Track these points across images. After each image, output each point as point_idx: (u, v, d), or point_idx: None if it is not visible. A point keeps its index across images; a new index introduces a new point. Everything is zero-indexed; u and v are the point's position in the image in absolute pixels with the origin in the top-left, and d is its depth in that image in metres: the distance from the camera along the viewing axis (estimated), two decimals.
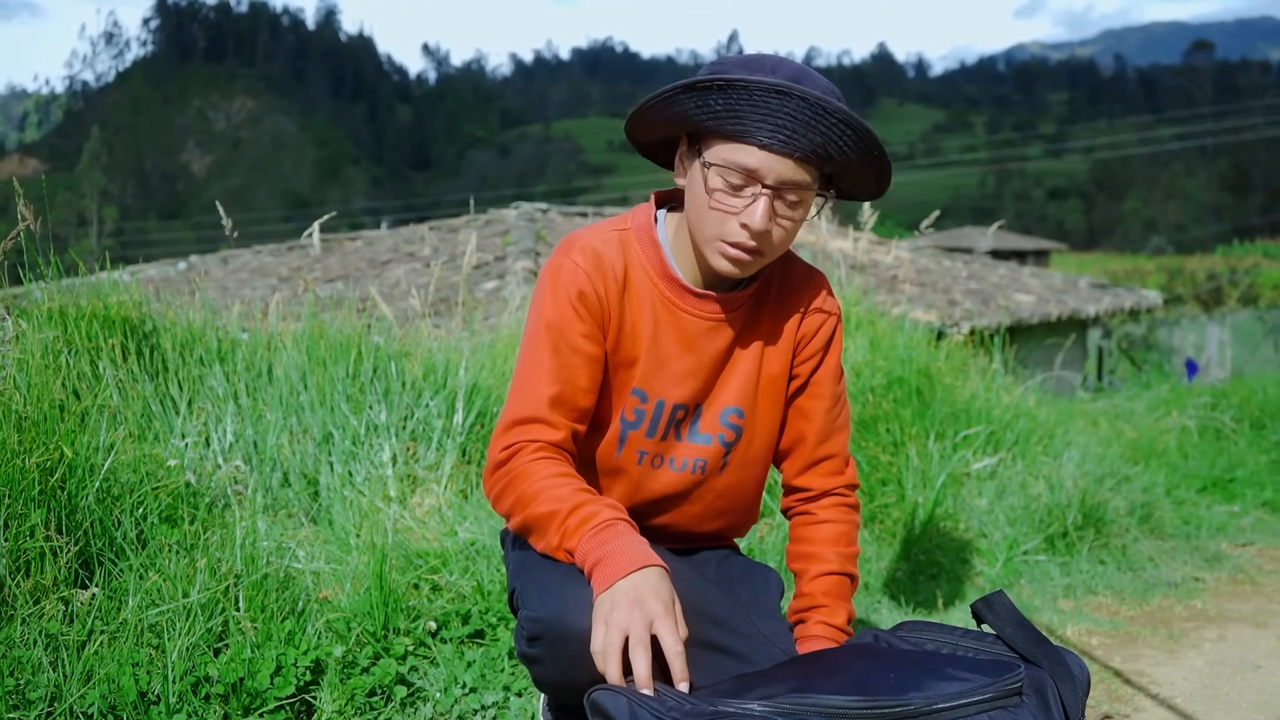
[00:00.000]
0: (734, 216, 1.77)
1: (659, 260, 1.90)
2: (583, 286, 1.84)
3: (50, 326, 3.53)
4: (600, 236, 1.90)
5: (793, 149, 1.72)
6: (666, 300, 1.90)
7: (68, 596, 2.43)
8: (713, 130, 1.75)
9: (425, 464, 3.92)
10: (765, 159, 1.72)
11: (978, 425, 4.63)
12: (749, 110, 1.70)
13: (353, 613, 2.72)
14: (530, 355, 1.85)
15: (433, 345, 4.55)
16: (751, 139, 1.72)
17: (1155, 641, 3.40)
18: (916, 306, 13.33)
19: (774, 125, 1.70)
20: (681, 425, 1.96)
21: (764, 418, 2.00)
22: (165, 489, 2.92)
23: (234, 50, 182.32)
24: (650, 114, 1.83)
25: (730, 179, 1.75)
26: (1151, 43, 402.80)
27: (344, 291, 12.46)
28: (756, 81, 1.68)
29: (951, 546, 4.08)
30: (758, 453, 2.02)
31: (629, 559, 1.61)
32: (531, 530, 1.77)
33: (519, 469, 1.78)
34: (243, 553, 2.68)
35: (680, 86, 1.74)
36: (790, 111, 1.69)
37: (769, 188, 1.74)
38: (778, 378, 1.99)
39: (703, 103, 1.73)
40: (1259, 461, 6.07)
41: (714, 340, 1.93)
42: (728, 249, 1.79)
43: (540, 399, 1.82)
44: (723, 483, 2.01)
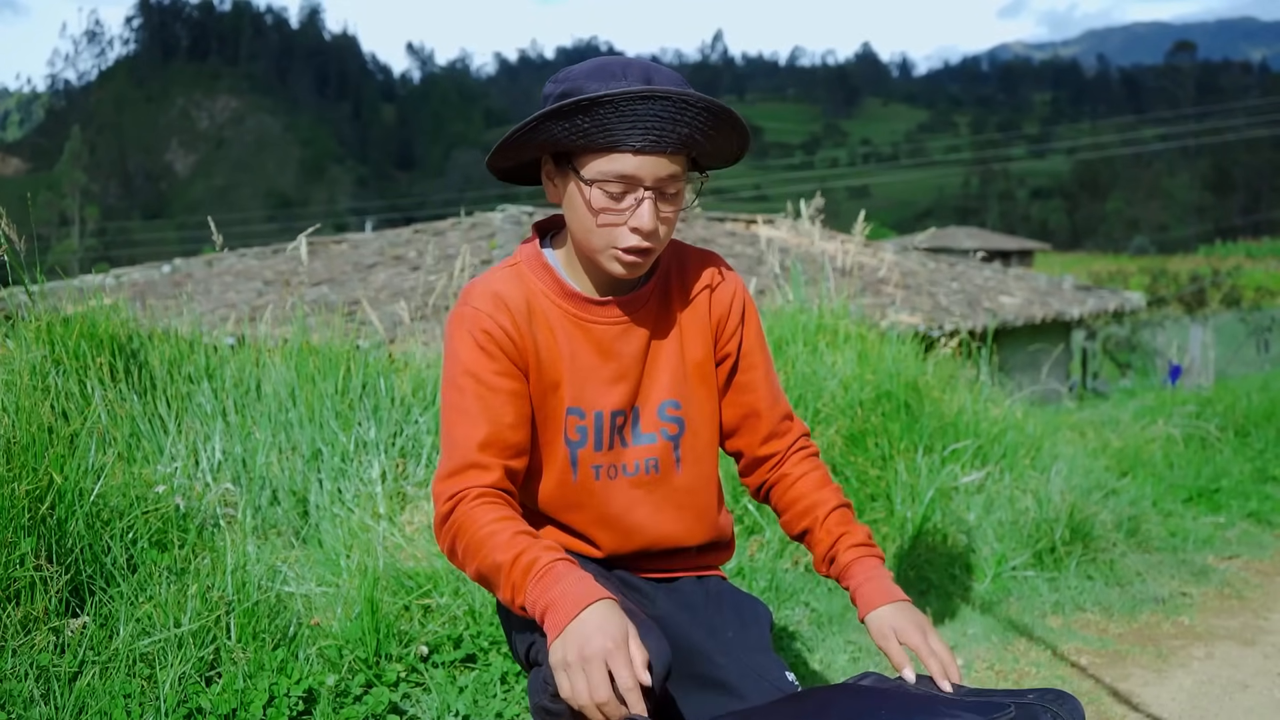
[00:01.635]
0: (621, 224, 1.81)
1: (555, 282, 1.94)
2: (487, 326, 1.86)
3: (38, 346, 3.52)
4: (495, 276, 1.94)
5: (664, 146, 1.77)
6: (573, 316, 1.94)
7: (58, 626, 2.42)
8: (583, 147, 1.79)
9: (415, 481, 3.91)
10: (640, 162, 1.77)
11: (966, 439, 4.65)
12: (617, 121, 1.74)
13: (344, 639, 2.71)
14: (452, 404, 1.87)
15: (421, 361, 4.54)
16: (624, 146, 1.76)
17: (1144, 660, 3.42)
18: (902, 310, 13.36)
19: (643, 128, 1.75)
20: (624, 430, 1.97)
21: (702, 404, 2.03)
22: (155, 513, 2.91)
23: (217, 49, 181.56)
24: (512, 147, 1.86)
25: (610, 190, 1.79)
26: (1134, 43, 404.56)
27: (330, 295, 12.45)
28: (619, 94, 1.72)
29: (941, 562, 4.09)
30: (706, 441, 2.05)
31: (571, 600, 1.64)
32: (487, 582, 1.79)
33: (461, 519, 1.80)
34: (233, 579, 2.68)
35: (544, 115, 1.77)
36: (656, 113, 1.74)
37: (649, 188, 1.79)
38: (704, 362, 2.02)
39: (570, 125, 1.77)
40: (1243, 470, 6.10)
41: (628, 342, 1.96)
42: (622, 255, 1.83)
43: (470, 445, 1.83)
44: (683, 480, 2.03)
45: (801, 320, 5.05)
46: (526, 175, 1.98)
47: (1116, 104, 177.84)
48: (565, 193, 1.85)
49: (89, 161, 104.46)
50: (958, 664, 1.82)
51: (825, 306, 5.19)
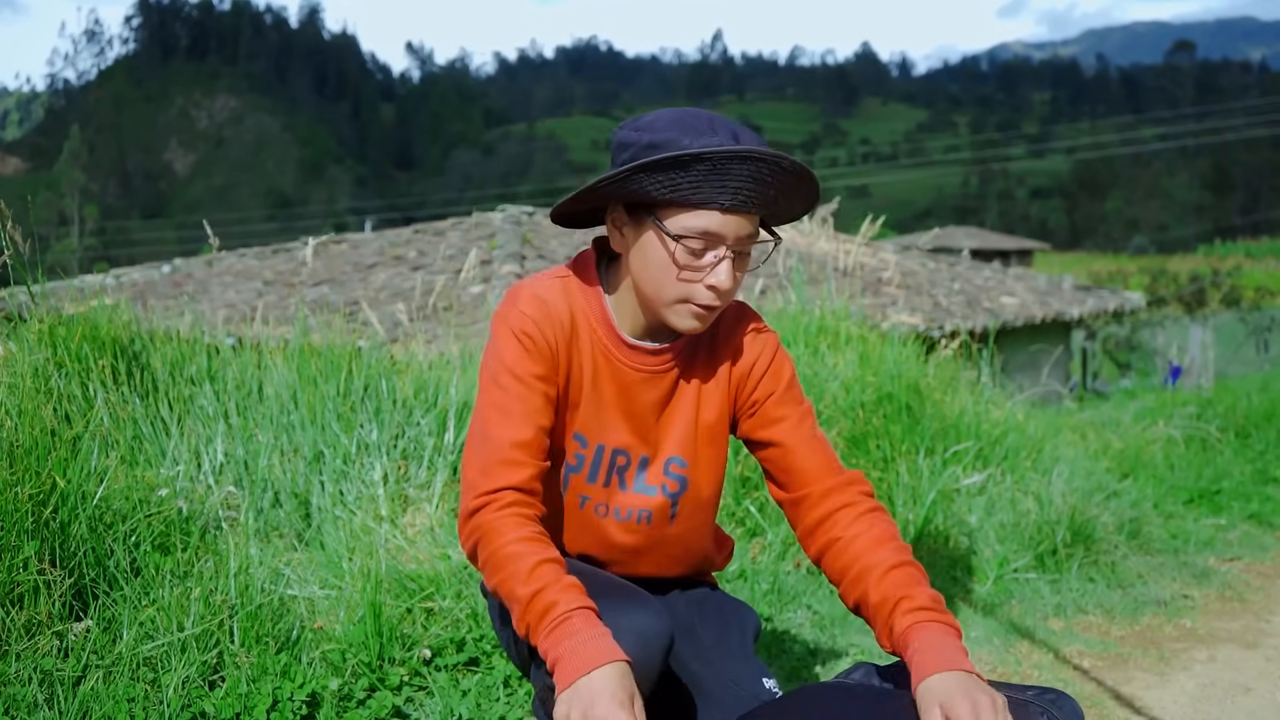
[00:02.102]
0: (698, 280, 1.79)
1: (601, 310, 1.93)
2: (531, 331, 1.86)
3: (40, 348, 3.52)
4: (544, 285, 1.92)
5: (750, 206, 1.76)
6: (605, 350, 1.93)
7: (62, 630, 2.42)
8: (669, 201, 1.76)
9: (416, 483, 3.91)
10: (725, 221, 1.76)
11: (967, 440, 4.65)
12: (712, 179, 1.73)
13: (347, 643, 2.71)
14: (493, 401, 1.86)
15: (424, 362, 4.54)
16: (713, 204, 1.74)
17: (1146, 663, 3.42)
18: (902, 310, 13.36)
19: (734, 188, 1.73)
20: (625, 473, 1.97)
21: (707, 464, 2.01)
22: (158, 516, 2.91)
23: (216, 48, 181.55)
24: (594, 194, 1.82)
25: (692, 245, 1.77)
26: (1133, 42, 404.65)
27: (330, 295, 12.44)
28: (719, 152, 1.70)
29: (942, 565, 4.09)
30: (706, 499, 2.03)
31: (583, 659, 1.60)
32: (503, 601, 1.77)
33: (488, 526, 1.78)
34: (236, 582, 2.68)
35: (639, 167, 1.73)
36: (749, 173, 1.73)
37: (730, 247, 1.78)
38: (716, 423, 1.99)
39: (663, 179, 1.74)
40: (1244, 472, 6.11)
41: (649, 391, 1.95)
42: (696, 309, 1.82)
43: (506, 442, 1.82)
44: (674, 532, 2.02)
45: (803, 322, 5.06)
46: (583, 220, 1.96)
47: (1116, 104, 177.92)
48: (638, 242, 1.82)
49: (88, 161, 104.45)
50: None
51: (826, 308, 5.20)
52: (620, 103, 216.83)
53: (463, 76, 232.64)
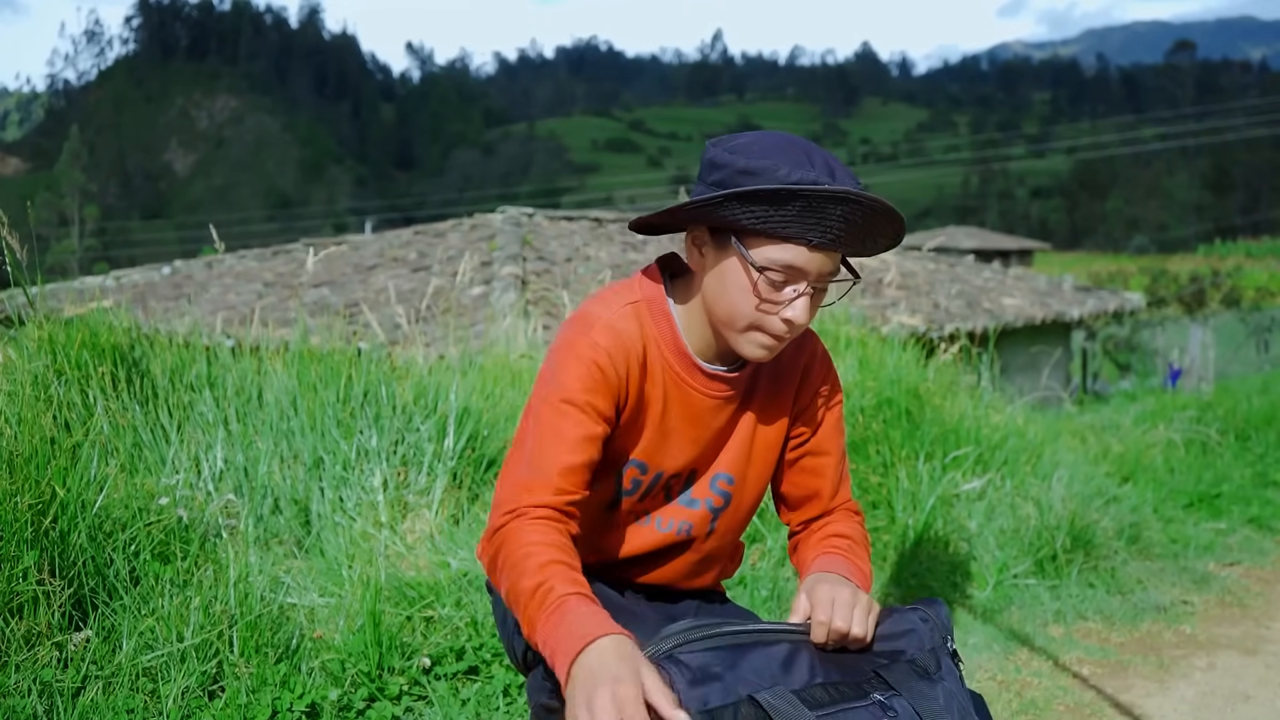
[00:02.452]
0: (775, 312, 1.76)
1: (673, 336, 1.89)
2: (604, 364, 1.81)
3: (40, 356, 3.52)
4: (616, 312, 1.87)
5: (839, 246, 1.72)
6: (677, 376, 1.89)
7: (61, 641, 2.42)
8: (756, 230, 1.72)
9: (416, 489, 3.91)
10: (811, 257, 1.71)
11: (967, 445, 4.65)
12: (806, 215, 1.68)
13: (347, 652, 2.71)
14: (548, 423, 1.81)
15: (423, 368, 4.54)
16: (802, 240, 1.70)
17: (1145, 670, 3.42)
18: (902, 311, 13.36)
19: (825, 227, 1.69)
20: (673, 489, 1.96)
21: (753, 485, 2.01)
22: (158, 525, 2.91)
23: (216, 49, 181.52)
24: (679, 216, 1.79)
25: (774, 278, 1.73)
26: (1133, 42, 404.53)
27: (330, 297, 12.43)
28: (818, 191, 1.66)
29: (942, 570, 4.09)
30: (743, 516, 2.04)
31: (577, 637, 1.56)
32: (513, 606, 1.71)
33: (510, 533, 1.75)
34: (236, 591, 2.68)
35: (735, 195, 1.69)
36: (844, 215, 1.69)
37: (812, 283, 1.74)
38: (771, 446, 1.99)
39: (756, 210, 1.69)
40: (1244, 475, 6.11)
41: (718, 416, 1.93)
42: (765, 339, 1.78)
43: (555, 466, 1.78)
44: (708, 546, 2.02)
45: None
46: (658, 229, 1.92)
47: (1116, 103, 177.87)
48: (718, 265, 1.79)
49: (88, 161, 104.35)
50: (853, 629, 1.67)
51: (826, 312, 5.19)
52: (620, 102, 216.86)
53: (463, 76, 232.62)
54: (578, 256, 13.04)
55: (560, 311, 9.81)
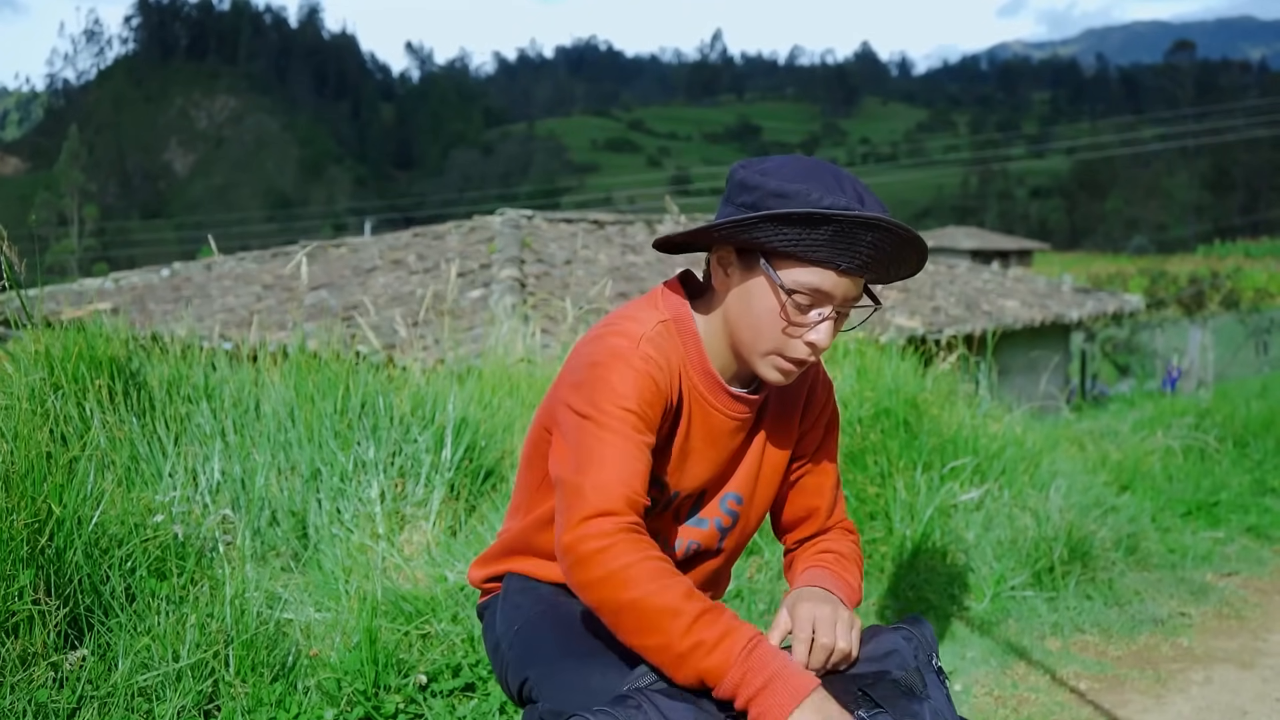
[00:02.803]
0: (799, 335, 1.76)
1: (700, 356, 1.88)
2: (657, 377, 1.80)
3: (37, 369, 3.52)
4: (653, 328, 1.85)
5: (867, 272, 1.73)
6: (700, 397, 1.88)
7: (57, 661, 2.42)
8: (786, 253, 1.72)
9: (414, 500, 3.91)
10: (838, 282, 1.72)
11: (965, 456, 4.64)
12: (837, 240, 1.69)
13: (343, 671, 2.71)
14: (605, 439, 1.75)
15: (421, 379, 4.53)
16: (830, 264, 1.71)
17: (1142, 685, 3.42)
18: (901, 313, 13.37)
19: (854, 252, 1.70)
20: (683, 509, 1.96)
21: (760, 505, 2.02)
22: (154, 541, 2.91)
23: (216, 48, 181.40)
24: (710, 236, 1.78)
25: (800, 301, 1.74)
26: (1133, 42, 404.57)
27: (329, 300, 12.42)
28: (851, 216, 1.66)
29: (939, 581, 4.09)
30: (749, 533, 2.06)
31: (795, 687, 1.58)
32: (633, 618, 1.66)
33: (619, 540, 1.68)
34: (232, 609, 2.68)
35: (767, 217, 1.69)
36: (873, 241, 1.69)
37: (839, 308, 1.75)
38: (778, 467, 2.00)
39: (788, 232, 1.70)
40: (1242, 482, 6.11)
41: (735, 438, 1.94)
42: (785, 364, 1.79)
43: (634, 480, 1.74)
44: (712, 565, 2.03)
45: None
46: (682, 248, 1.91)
47: (1115, 103, 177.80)
48: (743, 285, 1.79)
49: (88, 161, 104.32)
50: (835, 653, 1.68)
51: None
52: (620, 102, 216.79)
53: (462, 76, 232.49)
54: (577, 259, 13.05)
55: (559, 315, 9.81)
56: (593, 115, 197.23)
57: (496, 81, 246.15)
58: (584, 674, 1.72)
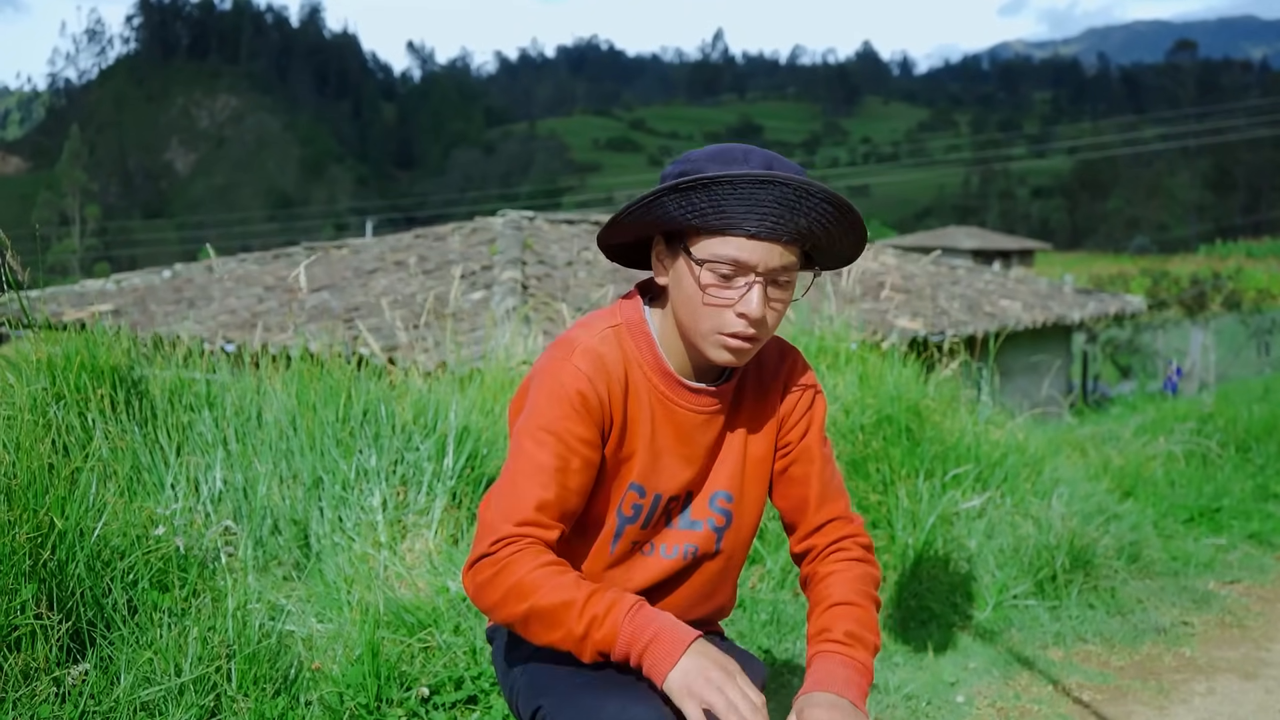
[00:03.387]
0: (729, 308, 1.78)
1: (654, 356, 1.91)
2: (585, 390, 1.83)
3: (38, 378, 3.52)
4: (597, 335, 1.89)
5: (779, 234, 1.74)
6: (662, 395, 1.91)
7: (59, 676, 2.41)
8: (697, 228, 1.77)
9: (415, 509, 3.91)
10: (754, 248, 1.75)
11: (967, 463, 4.64)
12: (734, 203, 1.72)
13: (345, 684, 2.71)
14: (527, 453, 1.82)
15: (423, 386, 4.53)
16: (738, 230, 1.74)
17: (1145, 696, 3.42)
18: (903, 315, 13.36)
19: (760, 214, 1.73)
20: (672, 513, 1.96)
21: (751, 501, 2.01)
22: (156, 553, 2.90)
23: (217, 48, 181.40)
24: (629, 220, 1.83)
25: (721, 271, 1.76)
26: (1134, 41, 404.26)
27: (330, 301, 12.42)
28: (739, 175, 1.70)
29: (942, 590, 4.09)
30: (746, 535, 2.04)
31: (675, 638, 1.68)
32: (536, 621, 1.75)
33: (508, 560, 1.76)
34: (234, 621, 2.67)
35: (662, 190, 1.75)
36: (775, 199, 1.72)
37: (760, 275, 1.76)
38: (763, 459, 2.00)
39: (686, 203, 1.75)
40: (1244, 488, 6.10)
41: (707, 432, 1.94)
42: (728, 340, 1.80)
43: (531, 501, 1.80)
44: (714, 568, 2.02)
45: (803, 343, 5.05)
46: (635, 257, 1.97)
47: (1117, 103, 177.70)
48: (674, 272, 1.83)
49: (89, 160, 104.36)
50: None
51: (827, 329, 5.19)
52: (621, 102, 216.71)
53: (464, 76, 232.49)
54: (578, 260, 13.04)
55: (560, 318, 9.80)
56: (594, 115, 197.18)
57: (498, 81, 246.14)
58: (599, 702, 1.72)
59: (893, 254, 17.71)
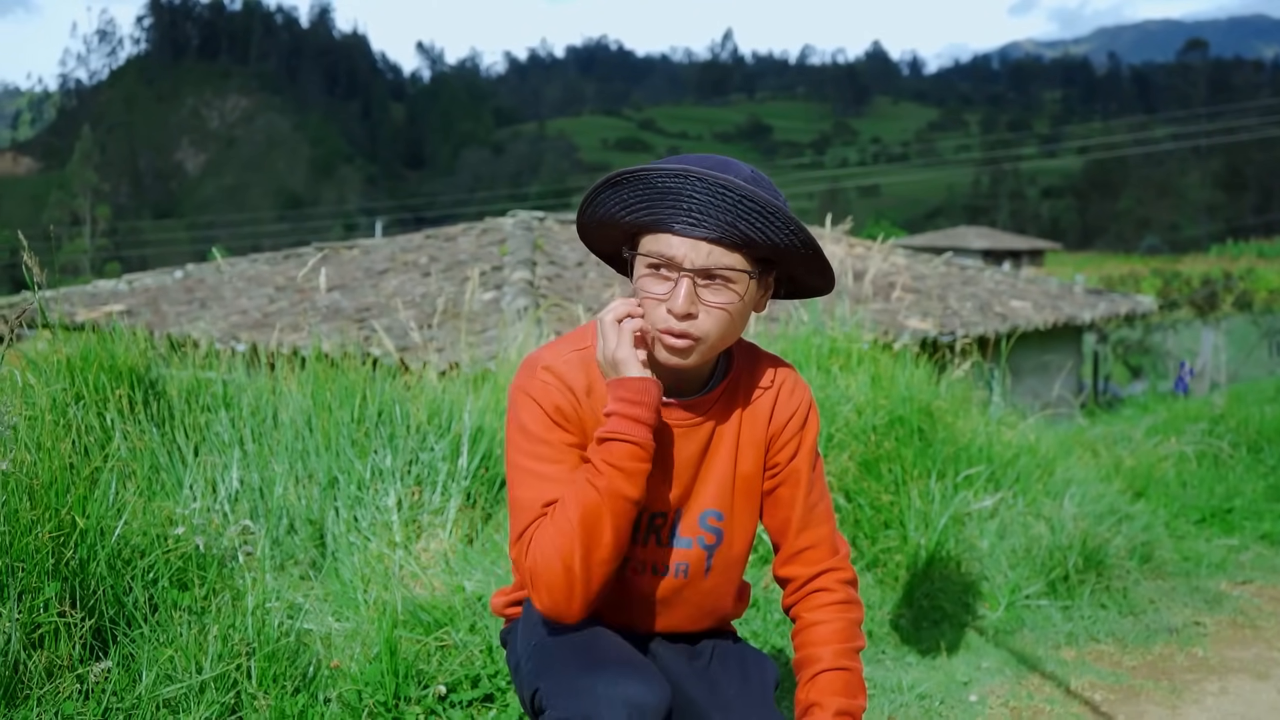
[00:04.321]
0: (662, 303, 1.82)
1: None
2: (556, 400, 1.89)
3: (58, 379, 3.55)
4: (561, 357, 1.93)
5: (705, 230, 1.78)
6: None
7: (82, 673, 2.44)
8: (638, 226, 1.84)
9: (430, 509, 3.94)
10: (681, 244, 1.79)
11: (979, 464, 4.65)
12: (658, 198, 1.78)
13: (364, 682, 2.74)
14: (519, 470, 1.89)
15: (437, 387, 4.56)
16: (665, 226, 1.79)
17: (1158, 696, 3.43)
18: (914, 315, 13.36)
19: (683, 210, 1.77)
20: (661, 531, 1.98)
21: (742, 518, 2.02)
22: (175, 552, 2.93)
23: (227, 48, 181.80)
24: (586, 219, 1.91)
25: (651, 263, 1.82)
26: (1145, 41, 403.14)
27: (341, 302, 12.45)
28: (655, 168, 1.77)
29: (954, 590, 4.11)
30: (738, 553, 2.05)
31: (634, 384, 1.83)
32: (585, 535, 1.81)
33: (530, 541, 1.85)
34: (254, 620, 2.70)
35: (597, 187, 1.85)
36: (694, 193, 1.76)
37: (688, 272, 1.79)
38: (752, 476, 2.01)
39: (619, 198, 1.83)
40: (1256, 488, 6.10)
41: (686, 445, 1.96)
42: (663, 337, 1.84)
43: (538, 504, 1.85)
44: (708, 585, 2.03)
45: (815, 343, 5.07)
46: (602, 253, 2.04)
47: (1128, 102, 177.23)
48: (634, 278, 1.88)
49: (100, 161, 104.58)
50: None
51: (839, 330, 5.20)
52: (630, 102, 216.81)
53: (473, 76, 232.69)
54: (589, 261, 13.06)
55: (572, 318, 9.82)
56: (603, 115, 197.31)
57: (507, 81, 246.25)
58: (590, 682, 1.75)
59: (903, 254, 17.70)
